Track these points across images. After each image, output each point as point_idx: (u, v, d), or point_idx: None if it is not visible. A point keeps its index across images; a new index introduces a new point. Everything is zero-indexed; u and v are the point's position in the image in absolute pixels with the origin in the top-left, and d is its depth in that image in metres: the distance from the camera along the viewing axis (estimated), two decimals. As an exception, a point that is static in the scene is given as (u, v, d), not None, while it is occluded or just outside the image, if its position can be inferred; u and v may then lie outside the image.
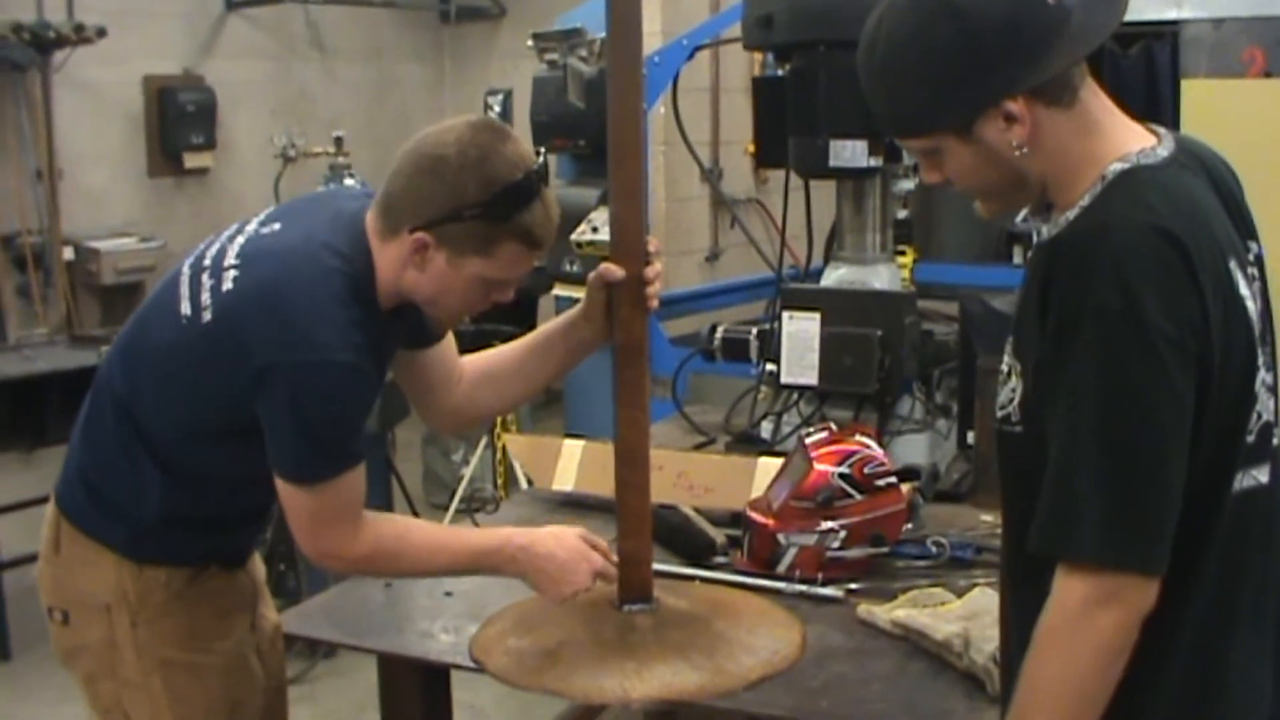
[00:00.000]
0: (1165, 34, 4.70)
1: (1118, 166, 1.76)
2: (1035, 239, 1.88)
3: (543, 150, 1.86)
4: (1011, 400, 1.82)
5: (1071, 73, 1.77)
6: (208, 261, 2.27)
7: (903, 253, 5.62)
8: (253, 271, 2.21)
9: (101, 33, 8.26)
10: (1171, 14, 4.54)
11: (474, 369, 2.66)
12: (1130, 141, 1.80)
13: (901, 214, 5.62)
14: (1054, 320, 1.68)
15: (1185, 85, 4.46)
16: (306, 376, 2.14)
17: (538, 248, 2.27)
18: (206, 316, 2.20)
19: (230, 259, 2.24)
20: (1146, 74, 5.04)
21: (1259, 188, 3.49)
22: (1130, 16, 1.90)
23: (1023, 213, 1.92)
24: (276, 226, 2.30)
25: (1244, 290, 1.74)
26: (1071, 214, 1.76)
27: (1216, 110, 4.28)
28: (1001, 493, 1.91)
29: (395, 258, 2.25)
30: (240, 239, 2.29)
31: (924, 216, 6.41)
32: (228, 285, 2.20)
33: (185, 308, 2.24)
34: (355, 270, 2.23)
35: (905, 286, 5.04)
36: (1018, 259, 6.02)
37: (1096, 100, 1.82)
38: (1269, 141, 3.82)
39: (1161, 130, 1.87)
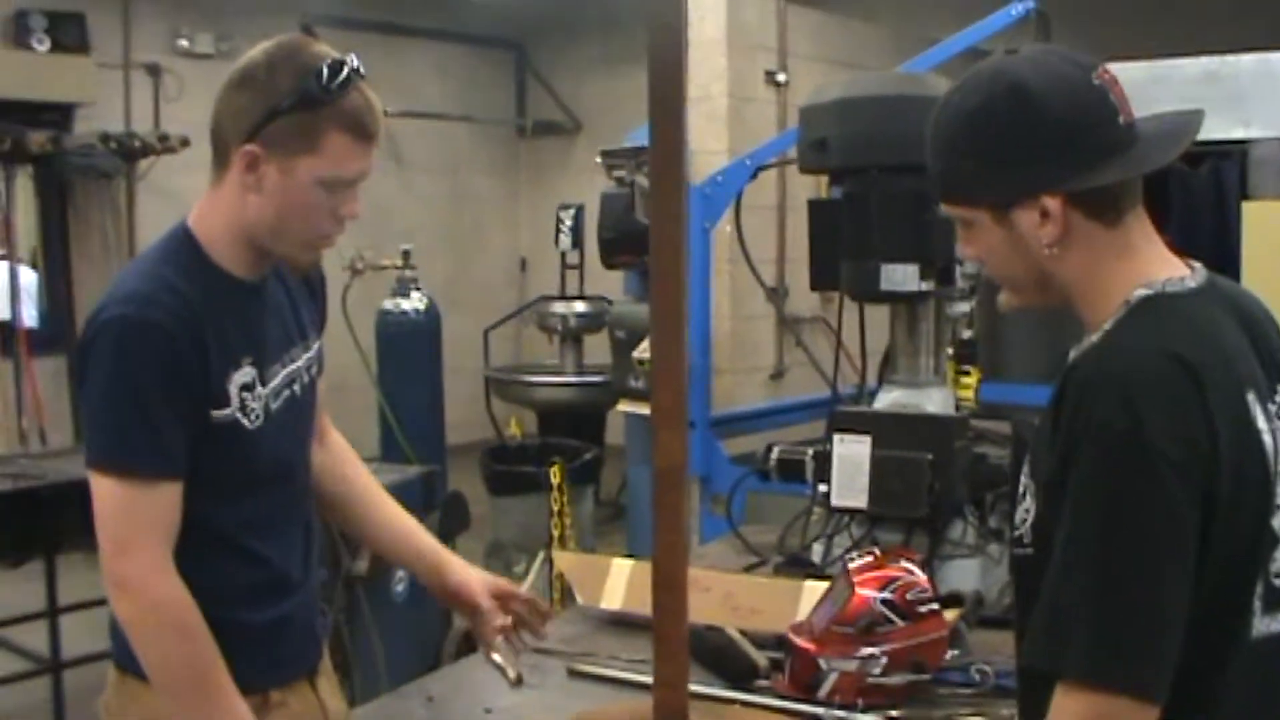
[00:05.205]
0: (1233, 153, 4.69)
1: (1141, 292, 1.78)
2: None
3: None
4: (1025, 521, 1.82)
5: (1120, 193, 1.80)
6: None
7: (967, 373, 5.61)
8: None
9: (185, 142, 8.49)
10: (1239, 133, 4.53)
11: (342, 470, 2.66)
12: (1160, 270, 1.81)
13: (966, 334, 5.62)
14: (1062, 439, 1.70)
15: (1246, 207, 4.45)
16: (103, 334, 2.15)
17: (365, 136, 2.22)
18: None
19: None
20: (1216, 193, 5.03)
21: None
22: (1198, 135, 1.93)
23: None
24: None
25: (1261, 425, 1.73)
26: (1095, 337, 1.78)
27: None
28: (1016, 614, 1.90)
29: (232, 192, 2.23)
30: None
31: (989, 336, 6.40)
32: None
33: None
34: (176, 248, 2.27)
35: (969, 408, 5.02)
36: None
37: (1140, 227, 1.84)
38: (1333, 264, 3.80)
39: (1197, 265, 1.88)
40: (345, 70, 2.19)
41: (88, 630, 4.91)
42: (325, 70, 2.17)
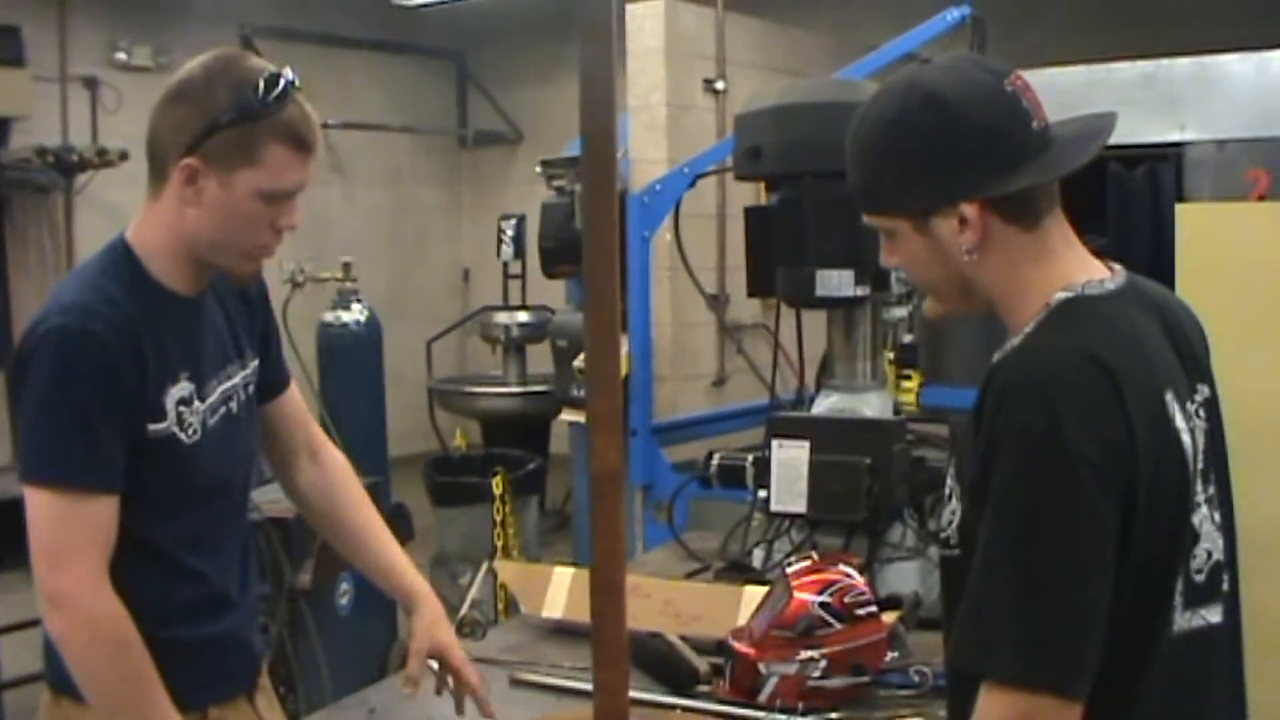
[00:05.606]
0: (1169, 156, 4.74)
1: (1061, 295, 1.81)
2: None
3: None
4: (951, 522, 1.84)
5: (1037, 197, 1.82)
6: None
7: (908, 377, 5.65)
8: None
9: (124, 156, 8.43)
10: (1175, 136, 4.57)
11: (333, 492, 2.68)
12: (1080, 273, 1.84)
13: (907, 338, 5.65)
14: (984, 441, 1.72)
15: (1180, 209, 4.48)
16: (42, 345, 2.14)
17: (303, 147, 2.23)
18: None
19: None
20: (1152, 195, 5.07)
21: (1257, 312, 3.47)
22: (1134, 139, 1.95)
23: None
24: None
25: (1180, 424, 1.76)
26: (1016, 340, 1.80)
27: (1213, 233, 4.30)
28: (943, 614, 1.92)
29: (170, 206, 2.23)
30: None
31: (931, 340, 6.45)
32: None
33: None
34: (115, 260, 2.25)
35: (911, 411, 5.05)
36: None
37: (1058, 230, 1.86)
38: (1267, 265, 3.84)
39: (1118, 267, 1.91)
40: (282, 83, 2.20)
41: (28, 650, 4.86)
42: (262, 83, 2.18)
